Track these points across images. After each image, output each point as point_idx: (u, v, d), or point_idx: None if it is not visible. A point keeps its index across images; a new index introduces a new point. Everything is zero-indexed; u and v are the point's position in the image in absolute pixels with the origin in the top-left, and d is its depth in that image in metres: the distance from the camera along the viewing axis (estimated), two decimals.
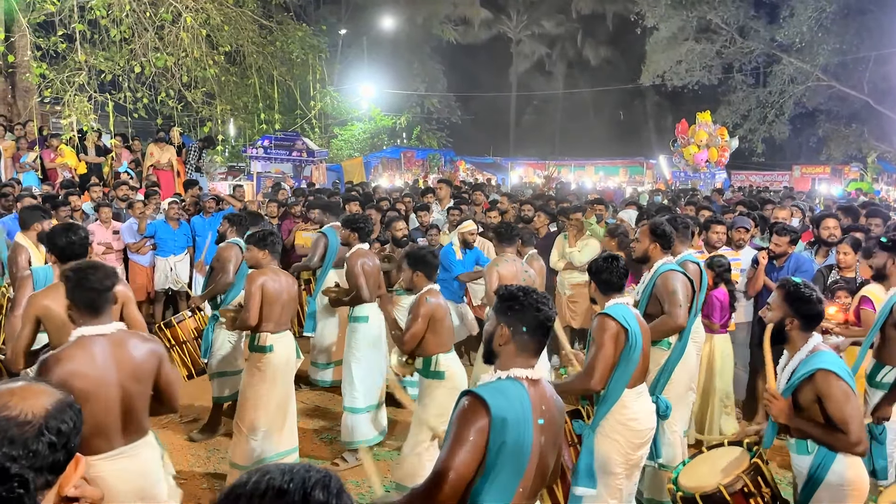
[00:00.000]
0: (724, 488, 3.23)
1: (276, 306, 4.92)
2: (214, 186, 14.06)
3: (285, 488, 1.27)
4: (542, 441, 2.43)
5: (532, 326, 2.49)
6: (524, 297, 2.51)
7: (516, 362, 2.49)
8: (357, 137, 26.35)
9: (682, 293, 4.50)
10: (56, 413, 1.54)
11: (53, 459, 1.52)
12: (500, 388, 2.42)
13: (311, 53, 16.83)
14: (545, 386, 2.54)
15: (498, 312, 2.55)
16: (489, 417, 2.31)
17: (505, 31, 38.22)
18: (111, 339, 2.98)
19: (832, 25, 23.48)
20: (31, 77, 11.96)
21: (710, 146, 19.94)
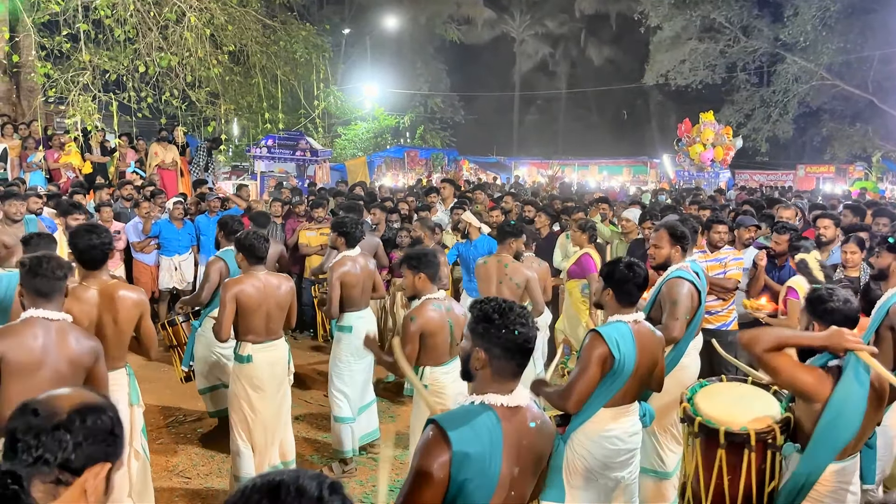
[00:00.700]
0: (755, 433, 3.11)
1: (256, 315, 4.63)
2: (220, 186, 14.07)
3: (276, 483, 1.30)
4: (514, 472, 2.28)
5: (509, 350, 2.29)
6: (499, 319, 2.29)
7: (492, 387, 2.31)
8: (361, 137, 26.37)
9: (683, 305, 4.34)
10: (78, 413, 1.62)
11: (66, 457, 1.57)
12: (469, 418, 2.25)
13: (315, 53, 16.84)
14: (527, 412, 2.36)
15: (473, 333, 2.34)
16: (450, 452, 2.16)
17: (508, 30, 38.24)
18: (55, 326, 3.19)
19: (836, 24, 23.44)
20: (36, 77, 12.01)
21: (716, 145, 19.91)
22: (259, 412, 4.69)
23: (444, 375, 4.40)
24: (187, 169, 13.30)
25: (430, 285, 4.42)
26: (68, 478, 1.59)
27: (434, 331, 4.31)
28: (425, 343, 4.32)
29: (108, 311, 3.85)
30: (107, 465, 1.64)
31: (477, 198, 10.34)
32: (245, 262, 4.73)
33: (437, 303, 4.39)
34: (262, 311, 4.65)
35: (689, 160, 20.52)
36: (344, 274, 5.49)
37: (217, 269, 5.75)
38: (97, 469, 1.62)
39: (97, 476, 1.62)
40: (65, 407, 1.61)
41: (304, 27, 17.03)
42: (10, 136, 11.61)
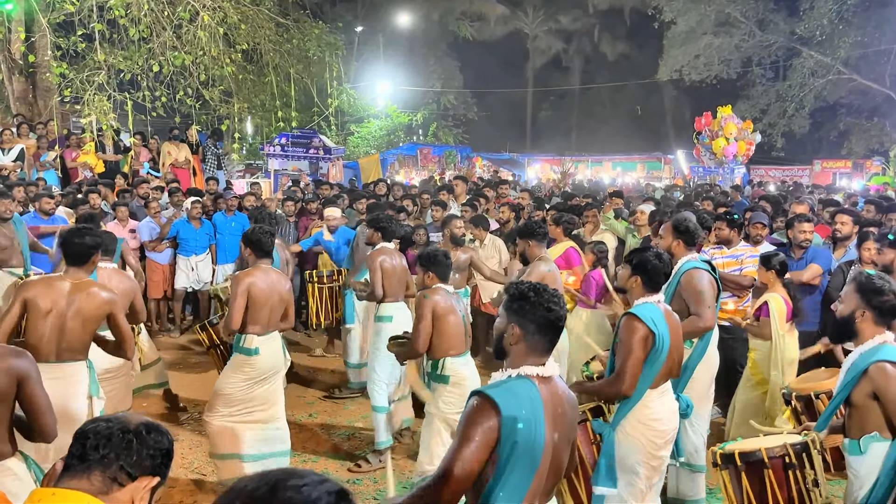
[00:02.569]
0: (765, 451, 3.21)
1: (264, 309, 4.79)
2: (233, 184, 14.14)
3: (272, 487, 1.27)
4: (555, 438, 2.42)
5: (542, 326, 2.47)
6: (535, 297, 2.47)
7: (527, 361, 2.47)
8: (374, 134, 26.38)
9: (709, 293, 4.44)
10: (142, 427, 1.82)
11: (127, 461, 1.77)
12: (510, 387, 2.41)
13: (328, 51, 16.84)
14: (557, 382, 2.53)
15: (508, 311, 2.53)
16: (499, 417, 2.31)
17: (521, 26, 38.12)
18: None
19: (853, 18, 23.19)
20: (52, 76, 12.11)
21: (739, 139, 19.76)
22: (255, 400, 4.83)
23: (463, 367, 4.55)
24: (200, 168, 13.38)
25: (437, 282, 4.69)
26: (124, 479, 1.76)
27: (443, 312, 4.53)
28: (437, 327, 4.51)
29: (75, 304, 4.04)
30: (156, 479, 1.81)
31: (487, 194, 10.32)
32: (253, 257, 4.89)
33: (447, 293, 4.67)
34: (269, 304, 4.81)
35: (711, 154, 20.34)
36: (384, 262, 5.78)
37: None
38: (147, 481, 1.79)
39: (146, 487, 1.79)
40: (134, 422, 1.82)
41: (316, 25, 17.02)
42: (26, 135, 11.70)
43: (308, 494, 1.23)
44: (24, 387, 2.90)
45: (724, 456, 3.38)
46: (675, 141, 32.19)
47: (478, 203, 9.03)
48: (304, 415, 6.52)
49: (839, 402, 3.20)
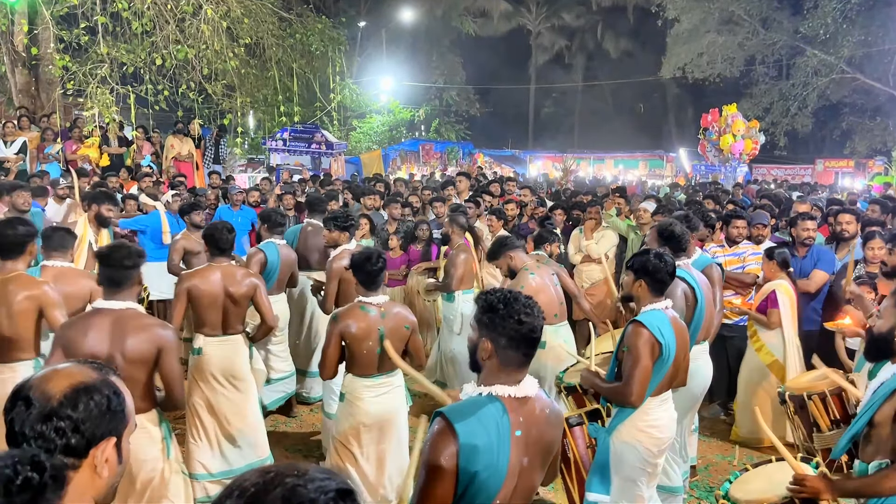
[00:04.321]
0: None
1: (210, 310, 4.59)
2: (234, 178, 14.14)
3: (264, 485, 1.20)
4: (523, 463, 2.30)
5: (515, 339, 2.30)
6: (504, 308, 2.30)
7: (499, 378, 2.33)
8: (376, 130, 26.37)
9: (676, 305, 4.13)
10: (71, 397, 1.59)
11: (66, 443, 1.57)
12: (475, 410, 2.27)
13: (331, 46, 16.84)
14: (536, 401, 2.37)
15: (479, 324, 2.36)
16: (458, 444, 2.18)
17: (524, 23, 38.03)
18: (116, 315, 3.27)
19: (857, 17, 23.11)
20: (55, 69, 12.11)
21: (746, 137, 19.74)
22: (212, 406, 4.60)
23: (365, 389, 4.12)
24: (202, 161, 13.37)
25: (361, 289, 4.17)
26: (74, 462, 1.59)
27: (357, 336, 4.03)
28: (348, 349, 4.08)
29: (5, 300, 3.82)
30: (112, 439, 1.64)
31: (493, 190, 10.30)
32: (208, 253, 4.81)
33: (370, 307, 4.10)
34: (216, 305, 4.63)
35: (717, 150, 20.31)
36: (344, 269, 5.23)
37: (258, 261, 5.78)
38: (103, 446, 1.62)
39: (104, 452, 1.62)
40: (56, 392, 1.59)
41: (319, 20, 17.02)
42: (27, 128, 11.70)
43: (306, 493, 1.17)
44: (163, 356, 3.28)
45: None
46: (678, 139, 32.15)
47: (481, 200, 9.02)
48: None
49: (864, 423, 2.90)
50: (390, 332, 4.07)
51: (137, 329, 3.26)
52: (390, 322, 4.11)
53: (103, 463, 1.62)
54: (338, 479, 1.21)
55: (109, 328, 3.23)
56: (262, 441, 4.82)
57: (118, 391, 1.68)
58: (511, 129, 36.20)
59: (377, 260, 4.12)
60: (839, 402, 4.24)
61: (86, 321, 3.28)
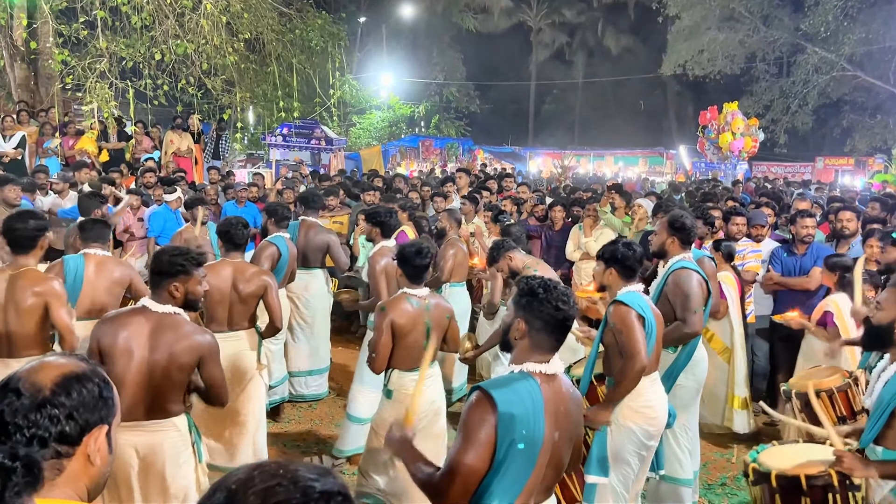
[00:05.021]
0: (806, 479, 3.07)
1: (218, 304, 4.62)
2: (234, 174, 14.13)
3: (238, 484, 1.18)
4: (555, 437, 2.41)
5: (549, 324, 2.44)
6: (544, 294, 2.44)
7: (531, 357, 2.45)
8: (376, 126, 26.35)
9: (696, 296, 4.27)
10: (62, 385, 1.59)
11: (60, 431, 1.57)
12: (511, 384, 2.39)
13: (331, 42, 16.82)
14: (562, 380, 2.50)
15: (517, 305, 2.50)
16: (496, 414, 2.29)
17: (525, 19, 37.97)
18: (158, 318, 3.22)
19: (858, 14, 23.07)
20: (54, 64, 12.08)
21: (746, 135, 19.69)
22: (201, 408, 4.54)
23: (413, 384, 3.97)
24: (202, 157, 13.35)
25: (406, 283, 4.13)
26: (67, 450, 1.59)
27: (404, 328, 3.99)
28: (397, 342, 4.01)
29: (14, 296, 3.82)
30: (104, 427, 1.64)
31: (490, 187, 10.29)
32: (223, 249, 4.83)
33: (414, 299, 4.09)
34: (224, 302, 4.64)
35: (716, 148, 20.27)
36: (388, 264, 5.13)
37: (269, 255, 5.74)
38: (95, 433, 1.62)
39: (97, 440, 1.63)
40: (47, 382, 1.59)
41: (320, 15, 17.00)
42: (26, 122, 11.67)
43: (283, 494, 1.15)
44: (204, 363, 3.28)
45: (758, 472, 3.26)
46: (678, 136, 32.13)
47: (479, 196, 9.00)
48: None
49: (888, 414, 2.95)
50: (435, 324, 4.08)
51: (179, 337, 3.21)
52: (434, 313, 4.10)
53: (96, 451, 1.63)
54: (326, 480, 1.19)
55: (149, 332, 3.17)
56: (261, 442, 4.78)
57: (107, 380, 1.69)
58: (511, 125, 36.18)
59: (427, 254, 4.14)
60: (846, 399, 4.23)
61: (125, 321, 3.23)
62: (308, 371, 6.56)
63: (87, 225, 4.83)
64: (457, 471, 2.30)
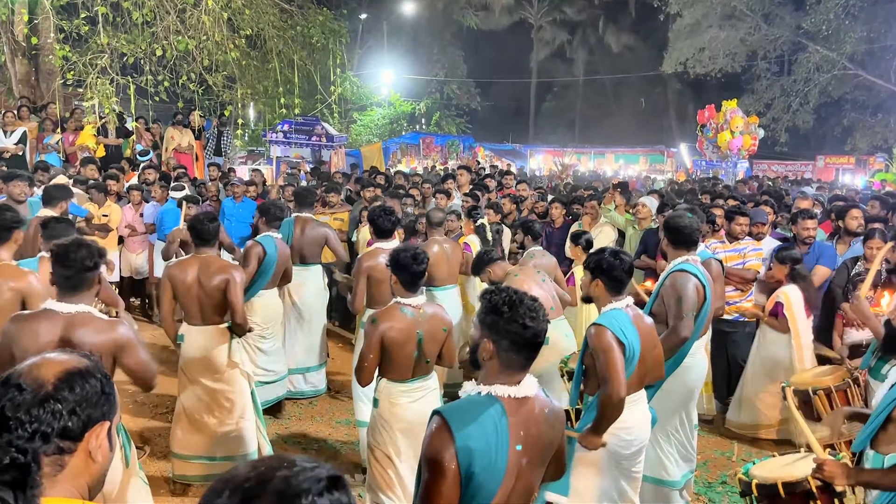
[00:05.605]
0: (783, 486, 3.06)
1: (186, 298, 4.67)
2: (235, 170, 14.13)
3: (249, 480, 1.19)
4: (522, 463, 2.27)
5: (517, 343, 2.27)
6: (508, 311, 2.25)
7: (500, 378, 2.30)
8: (376, 123, 26.32)
9: (689, 300, 4.17)
10: (66, 381, 1.58)
11: (63, 426, 1.55)
12: (473, 410, 2.25)
13: (332, 38, 16.77)
14: (535, 401, 2.35)
15: (482, 324, 2.32)
16: (455, 445, 2.17)
17: (526, 16, 37.93)
18: (67, 319, 3.09)
19: (860, 13, 23.05)
20: (55, 59, 12.06)
21: (745, 133, 19.67)
22: (195, 393, 4.70)
23: (401, 394, 3.91)
24: (202, 153, 13.35)
25: (402, 291, 3.92)
26: (70, 445, 1.58)
27: (397, 341, 3.82)
28: (385, 353, 3.84)
29: None
30: (106, 423, 1.64)
31: (488, 184, 10.28)
32: (193, 244, 4.86)
33: (408, 308, 3.89)
34: (192, 295, 4.69)
35: (715, 147, 20.25)
36: (373, 268, 5.20)
37: (256, 254, 5.74)
38: (97, 430, 1.62)
39: (99, 436, 1.62)
40: (49, 377, 1.57)
41: (321, 12, 16.94)
42: (27, 118, 11.65)
43: (298, 484, 1.17)
44: (124, 353, 3.18)
45: (743, 483, 3.25)
46: (679, 134, 32.11)
47: (479, 194, 9.00)
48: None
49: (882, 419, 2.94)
50: (428, 336, 3.89)
51: (91, 333, 3.09)
52: (428, 325, 3.91)
53: (97, 448, 1.62)
54: (325, 467, 1.22)
55: (60, 333, 3.05)
56: (247, 436, 4.78)
57: (108, 376, 1.68)
58: (512, 122, 36.15)
59: (423, 259, 3.91)
60: (844, 398, 4.25)
61: (35, 322, 3.07)
62: (306, 367, 6.56)
63: (50, 223, 4.73)
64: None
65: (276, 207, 6.14)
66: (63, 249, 3.11)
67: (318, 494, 1.17)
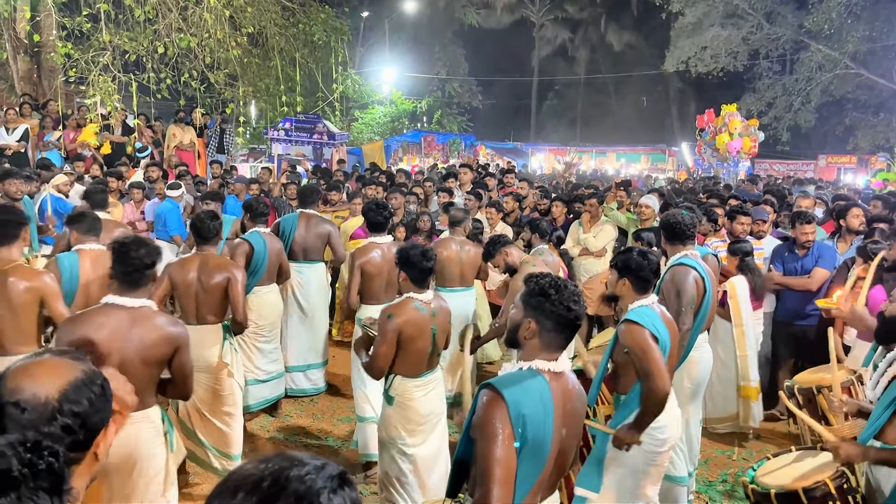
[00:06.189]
0: (803, 491, 3.06)
1: (184, 296, 4.68)
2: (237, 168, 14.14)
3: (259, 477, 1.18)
4: (563, 433, 2.41)
5: (560, 324, 2.43)
6: (555, 294, 2.41)
7: (540, 355, 2.45)
8: (378, 121, 26.33)
9: (688, 294, 4.21)
10: (71, 394, 1.53)
11: (72, 440, 1.52)
12: (520, 382, 2.39)
13: (334, 36, 16.79)
14: (568, 377, 2.50)
15: (526, 305, 2.47)
16: (507, 411, 2.29)
17: (528, 15, 37.92)
18: (131, 313, 3.11)
19: (862, 12, 23.04)
20: (56, 57, 12.08)
21: (744, 135, 19.64)
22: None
23: (416, 389, 3.97)
24: (204, 151, 13.36)
25: (411, 287, 3.95)
26: (80, 455, 1.56)
27: (411, 334, 3.85)
28: (403, 348, 3.87)
29: (4, 294, 3.72)
30: (109, 425, 1.63)
31: (488, 183, 10.28)
32: (195, 243, 4.85)
33: (421, 304, 3.94)
34: (191, 293, 4.69)
35: (713, 150, 20.23)
36: (366, 262, 5.24)
37: (242, 252, 5.67)
38: (103, 433, 1.61)
39: (107, 438, 1.62)
40: (53, 391, 1.50)
41: (322, 10, 16.95)
42: (29, 115, 11.67)
43: (313, 483, 1.17)
44: (177, 355, 3.22)
45: (757, 493, 3.25)
46: (680, 133, 32.10)
47: (481, 192, 9.00)
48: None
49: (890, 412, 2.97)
50: (440, 330, 3.97)
51: (153, 329, 3.14)
52: (440, 319, 3.99)
53: (104, 448, 1.62)
54: (332, 464, 1.23)
55: (126, 326, 3.08)
56: (233, 437, 4.73)
57: (103, 376, 1.66)
58: (513, 121, 36.16)
59: (432, 256, 3.97)
60: (849, 395, 4.25)
61: (98, 317, 3.09)
62: (307, 365, 6.55)
63: (77, 218, 4.74)
64: (495, 478, 2.24)
65: (261, 203, 6.11)
66: (124, 247, 3.14)
67: (332, 492, 1.18)
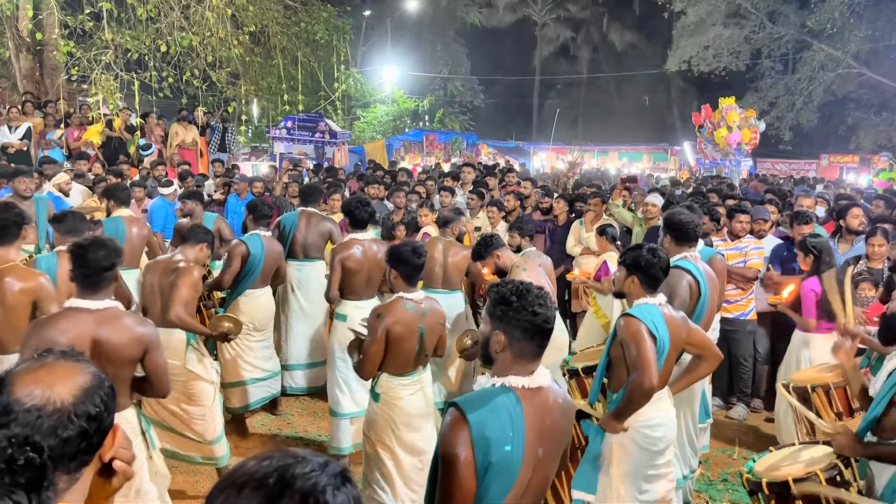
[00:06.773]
0: (794, 481, 3.07)
1: (150, 297, 4.68)
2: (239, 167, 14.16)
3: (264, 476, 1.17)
4: (538, 454, 2.29)
5: (529, 331, 2.30)
6: (517, 301, 2.30)
7: (513, 369, 2.33)
8: (380, 120, 26.35)
9: (681, 297, 4.18)
10: (85, 398, 1.51)
11: (87, 444, 1.51)
12: (488, 401, 2.27)
13: (336, 35, 16.82)
14: (548, 392, 2.37)
15: (492, 317, 2.36)
16: (471, 435, 2.19)
17: (530, 14, 37.90)
18: (96, 316, 3.05)
19: (864, 11, 23.03)
20: (59, 55, 12.11)
21: (743, 127, 19.56)
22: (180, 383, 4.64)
23: (402, 388, 3.96)
24: (206, 149, 13.38)
25: (402, 285, 3.92)
26: (90, 458, 1.53)
27: (401, 335, 3.83)
28: (391, 348, 3.85)
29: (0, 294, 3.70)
30: (115, 425, 1.62)
31: (488, 182, 10.28)
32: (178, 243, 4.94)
33: (411, 303, 3.91)
34: (156, 295, 4.71)
35: (713, 146, 20.18)
36: (348, 258, 5.23)
37: (239, 254, 5.63)
38: (111, 433, 1.60)
39: (116, 440, 1.61)
40: (67, 396, 1.48)
41: (324, 9, 16.97)
42: (31, 113, 11.69)
43: (318, 479, 1.17)
44: (147, 355, 3.18)
45: (751, 482, 3.26)
46: (682, 132, 32.06)
47: (483, 191, 9.00)
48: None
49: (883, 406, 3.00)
50: (429, 330, 3.94)
51: (121, 330, 3.08)
52: (429, 319, 3.94)
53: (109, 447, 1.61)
54: (332, 461, 1.23)
55: (92, 329, 3.01)
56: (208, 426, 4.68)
57: (107, 377, 1.65)
58: (515, 120, 36.14)
59: (422, 253, 3.92)
60: (843, 395, 4.25)
61: (62, 322, 3.02)
62: (308, 364, 6.56)
63: (59, 218, 4.70)
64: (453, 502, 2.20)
65: (265, 205, 6.06)
66: (82, 249, 3.07)
67: (335, 489, 1.18)
